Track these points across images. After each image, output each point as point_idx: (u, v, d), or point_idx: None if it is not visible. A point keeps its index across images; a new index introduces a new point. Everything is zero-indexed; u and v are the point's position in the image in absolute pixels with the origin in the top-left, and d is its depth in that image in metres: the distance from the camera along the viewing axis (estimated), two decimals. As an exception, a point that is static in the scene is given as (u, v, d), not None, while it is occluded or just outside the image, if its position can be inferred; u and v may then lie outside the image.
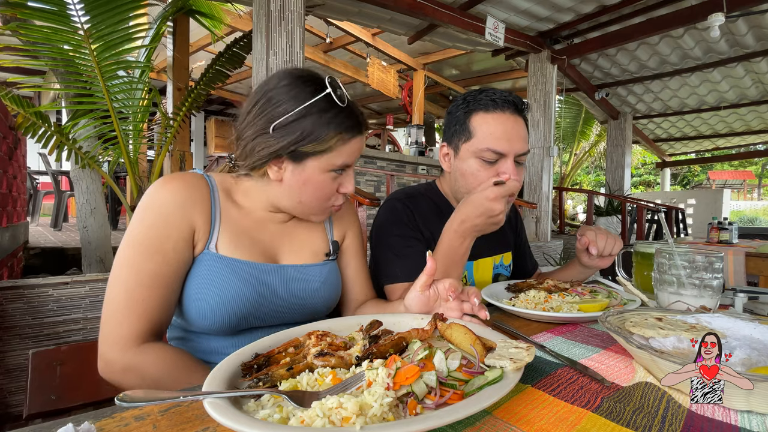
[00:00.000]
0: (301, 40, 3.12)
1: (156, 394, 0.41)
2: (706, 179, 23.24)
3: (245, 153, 0.76)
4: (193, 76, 3.92)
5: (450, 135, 1.05)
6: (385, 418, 0.39)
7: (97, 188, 3.01)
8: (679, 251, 0.81)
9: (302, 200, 0.78)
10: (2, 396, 1.79)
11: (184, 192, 0.73)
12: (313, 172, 0.75)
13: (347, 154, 0.76)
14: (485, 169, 0.98)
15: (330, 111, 0.73)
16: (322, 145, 0.73)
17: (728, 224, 2.74)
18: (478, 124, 0.98)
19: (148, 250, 0.69)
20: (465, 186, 1.02)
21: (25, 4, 2.28)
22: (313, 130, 0.72)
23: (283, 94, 0.73)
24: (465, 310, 0.70)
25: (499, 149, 0.96)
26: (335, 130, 0.73)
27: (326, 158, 0.75)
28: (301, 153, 0.73)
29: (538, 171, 5.52)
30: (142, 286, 0.68)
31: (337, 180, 0.79)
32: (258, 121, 0.73)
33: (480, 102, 0.99)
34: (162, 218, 0.70)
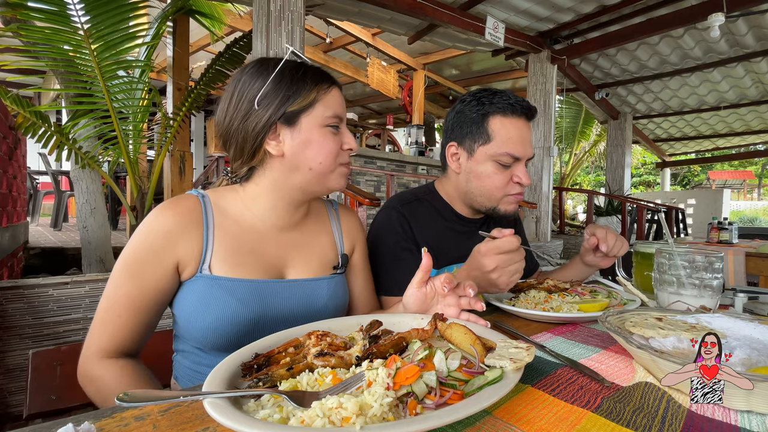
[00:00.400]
0: (301, 40, 3.13)
1: (156, 394, 0.41)
2: (706, 179, 23.24)
3: (240, 144, 0.76)
4: (193, 76, 3.92)
5: (462, 135, 1.04)
6: (385, 418, 0.39)
7: (97, 188, 3.01)
8: (679, 251, 0.81)
9: (312, 165, 0.76)
10: (2, 396, 1.79)
11: (173, 221, 0.73)
12: (311, 129, 0.75)
13: (333, 105, 0.77)
14: (501, 173, 1.00)
15: (300, 70, 0.76)
16: (307, 98, 0.75)
17: (728, 224, 2.74)
18: (497, 128, 0.99)
19: (128, 271, 0.71)
20: (480, 188, 1.04)
21: (25, 4, 2.28)
22: (293, 88, 0.74)
23: (253, 74, 0.75)
24: (463, 306, 0.70)
25: (517, 154, 0.99)
26: (312, 81, 0.76)
27: (316, 112, 0.76)
28: (292, 114, 0.74)
29: (538, 171, 5.52)
30: (116, 305, 0.71)
31: (337, 137, 0.79)
32: (241, 107, 0.75)
33: (498, 105, 0.99)
34: (147, 244, 0.72)
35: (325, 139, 0.76)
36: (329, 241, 0.89)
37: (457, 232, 1.10)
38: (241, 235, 0.78)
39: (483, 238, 1.11)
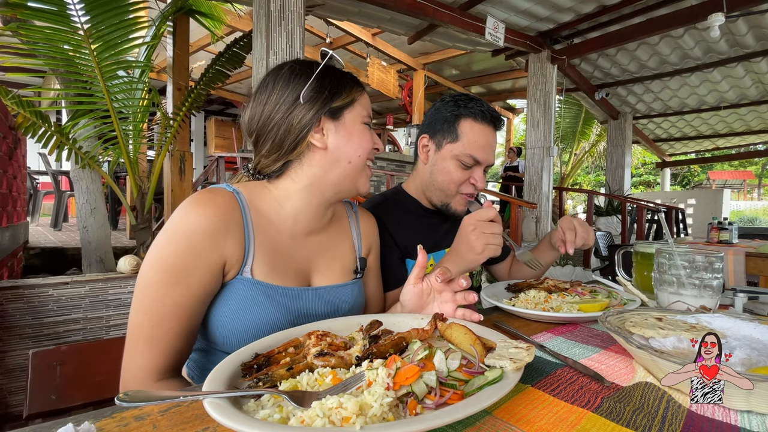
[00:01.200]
0: (301, 40, 3.13)
1: (156, 394, 0.41)
2: (706, 179, 23.24)
3: (279, 137, 0.75)
4: (193, 76, 3.92)
5: (435, 130, 1.12)
6: (385, 418, 0.39)
7: (97, 188, 3.01)
8: (679, 251, 0.81)
9: (352, 158, 0.78)
10: (2, 396, 1.79)
11: (216, 218, 0.68)
12: (353, 124, 0.79)
13: (367, 106, 0.82)
14: (460, 172, 1.08)
15: (337, 71, 0.80)
16: (349, 96, 0.78)
17: (728, 224, 2.74)
18: (465, 131, 1.07)
19: (174, 278, 0.65)
20: (438, 181, 1.11)
21: (25, 4, 2.28)
22: (338, 86, 0.77)
23: (295, 72, 0.77)
24: (458, 300, 0.72)
25: (479, 158, 1.06)
26: (352, 82, 0.80)
27: (356, 108, 0.79)
28: (336, 108, 0.77)
29: (538, 171, 5.52)
30: (166, 317, 0.65)
31: (371, 134, 0.82)
32: (284, 101, 0.75)
33: (471, 109, 1.07)
34: (191, 247, 0.66)
35: (365, 134, 0.80)
36: (349, 245, 0.90)
37: (426, 224, 1.18)
38: (276, 236, 0.77)
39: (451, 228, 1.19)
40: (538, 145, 5.49)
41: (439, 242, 1.17)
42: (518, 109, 10.61)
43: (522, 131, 18.58)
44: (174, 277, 0.65)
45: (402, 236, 1.10)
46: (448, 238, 1.17)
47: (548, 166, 5.51)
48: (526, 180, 5.70)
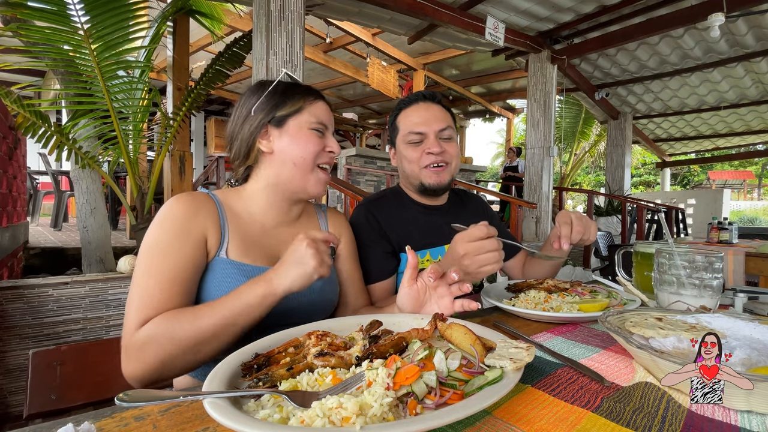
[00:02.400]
0: (301, 40, 3.13)
1: (156, 394, 0.41)
2: (706, 179, 23.24)
3: (239, 145, 0.89)
4: (193, 76, 3.92)
5: (391, 138, 1.25)
6: (385, 418, 0.39)
7: (97, 188, 3.01)
8: (679, 251, 0.81)
9: (295, 161, 0.86)
10: (2, 396, 1.79)
11: (195, 203, 0.81)
12: (296, 129, 0.87)
13: (318, 113, 0.90)
14: (414, 149, 1.16)
15: (292, 86, 0.91)
16: (294, 105, 0.88)
17: (728, 224, 2.73)
18: (401, 120, 1.19)
19: (168, 248, 0.75)
20: (405, 168, 1.19)
21: (25, 4, 2.28)
22: (284, 97, 0.88)
23: (254, 90, 0.91)
24: (453, 293, 0.73)
25: (418, 130, 1.15)
26: (300, 94, 0.90)
27: (302, 117, 0.88)
28: (281, 117, 0.87)
29: (538, 171, 5.52)
30: (163, 280, 0.72)
31: (321, 140, 0.90)
32: (241, 114, 0.89)
33: (401, 104, 1.21)
34: (178, 223, 0.77)
35: (308, 139, 0.88)
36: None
37: (422, 220, 1.21)
38: (247, 228, 0.87)
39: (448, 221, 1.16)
40: (538, 145, 5.48)
41: (437, 238, 1.19)
42: (518, 109, 10.61)
43: (522, 131, 18.58)
44: (169, 247, 0.75)
45: (397, 231, 1.14)
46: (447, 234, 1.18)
47: (548, 166, 5.51)
48: (526, 180, 5.70)
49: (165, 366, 0.67)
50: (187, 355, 0.67)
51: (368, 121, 11.32)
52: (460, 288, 0.72)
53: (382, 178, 5.90)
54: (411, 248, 0.77)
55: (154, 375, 0.67)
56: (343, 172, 5.47)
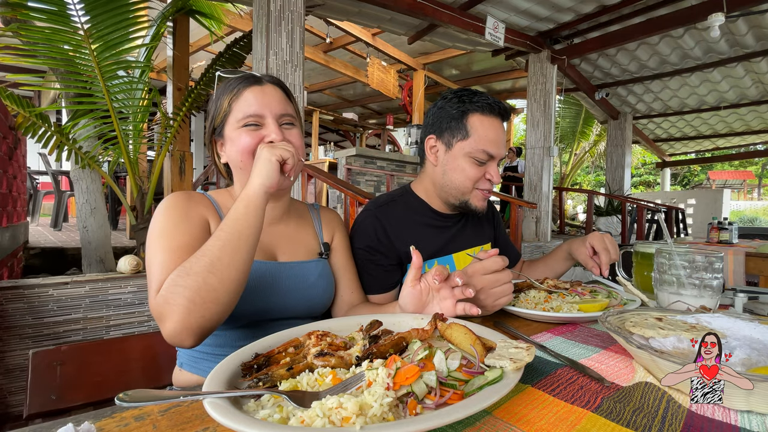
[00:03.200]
0: (301, 40, 3.12)
1: (156, 394, 0.41)
2: (706, 179, 23.24)
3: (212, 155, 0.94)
4: (193, 76, 3.92)
5: (441, 130, 1.09)
6: (385, 418, 0.39)
7: (97, 188, 3.01)
8: (678, 251, 0.81)
9: (236, 163, 0.87)
10: (2, 396, 1.79)
11: (192, 196, 0.85)
12: (229, 134, 0.87)
13: (243, 106, 0.85)
14: (475, 168, 1.05)
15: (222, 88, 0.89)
16: (221, 111, 0.87)
17: (728, 224, 2.73)
18: (475, 126, 1.04)
19: (174, 230, 0.77)
20: (453, 180, 1.08)
21: (25, 4, 2.28)
22: (213, 107, 0.89)
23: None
24: (456, 296, 0.72)
25: (492, 152, 1.04)
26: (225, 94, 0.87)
27: (231, 119, 0.86)
28: (218, 127, 0.89)
29: (538, 171, 5.52)
30: (176, 250, 0.74)
31: (257, 132, 0.85)
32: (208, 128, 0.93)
33: (477, 104, 1.04)
34: (179, 210, 0.80)
35: (239, 137, 0.85)
36: (312, 233, 1.01)
37: (433, 227, 1.15)
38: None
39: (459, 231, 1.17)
40: (538, 145, 5.48)
41: (446, 246, 1.15)
42: (518, 109, 10.61)
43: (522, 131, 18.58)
44: (174, 230, 0.77)
45: (406, 239, 1.08)
46: (458, 241, 1.17)
47: (548, 166, 5.51)
48: (526, 180, 5.70)
49: (196, 304, 0.64)
50: (211, 281, 0.65)
51: (368, 121, 11.32)
52: (463, 291, 0.72)
53: (382, 178, 5.90)
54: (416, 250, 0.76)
55: (192, 318, 0.64)
56: (343, 172, 5.47)
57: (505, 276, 0.79)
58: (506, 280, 0.79)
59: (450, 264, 1.15)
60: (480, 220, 1.28)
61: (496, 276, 0.79)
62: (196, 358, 0.84)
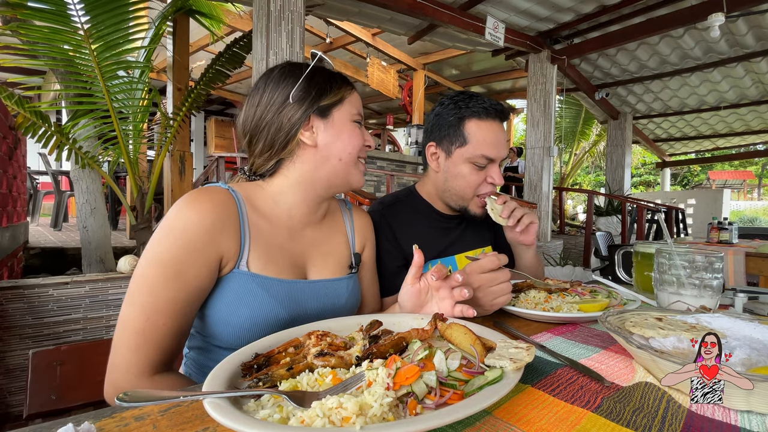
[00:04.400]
0: (301, 40, 3.13)
1: (156, 394, 0.41)
2: (706, 179, 23.24)
3: (271, 137, 0.78)
4: (193, 76, 3.92)
5: (441, 137, 1.09)
6: (385, 418, 0.39)
7: (97, 188, 3.01)
8: (678, 251, 0.81)
9: (342, 156, 0.80)
10: (2, 396, 1.79)
11: (212, 214, 0.69)
12: (342, 122, 0.80)
13: (357, 104, 0.83)
14: (476, 173, 1.05)
15: (326, 71, 0.82)
16: (338, 95, 0.81)
17: (728, 224, 2.74)
18: (472, 132, 1.04)
19: (170, 273, 0.65)
20: (455, 187, 1.09)
21: (25, 4, 2.28)
22: (326, 85, 0.80)
23: (285, 74, 0.80)
24: (455, 296, 0.72)
25: (491, 156, 1.04)
26: (340, 81, 0.82)
27: (345, 107, 0.81)
28: (325, 107, 0.79)
29: (538, 171, 5.52)
30: (160, 314, 0.64)
31: (362, 133, 0.84)
32: (274, 101, 0.78)
33: (473, 109, 1.05)
34: (186, 241, 0.66)
35: (354, 132, 0.81)
36: (344, 240, 0.92)
37: (437, 228, 1.16)
38: (271, 231, 0.79)
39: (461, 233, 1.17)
40: (538, 145, 5.48)
41: (449, 247, 1.16)
42: (518, 109, 10.61)
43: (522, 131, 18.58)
44: (170, 271, 0.65)
45: (410, 239, 1.07)
46: (460, 243, 1.18)
47: (548, 166, 5.51)
48: (526, 180, 5.70)
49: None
50: None
51: (368, 121, 11.32)
52: (461, 293, 0.71)
53: (382, 178, 5.90)
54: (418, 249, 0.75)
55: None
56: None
57: (503, 275, 0.79)
58: (504, 279, 0.79)
59: (452, 265, 1.16)
60: (482, 224, 1.28)
61: (494, 275, 0.78)
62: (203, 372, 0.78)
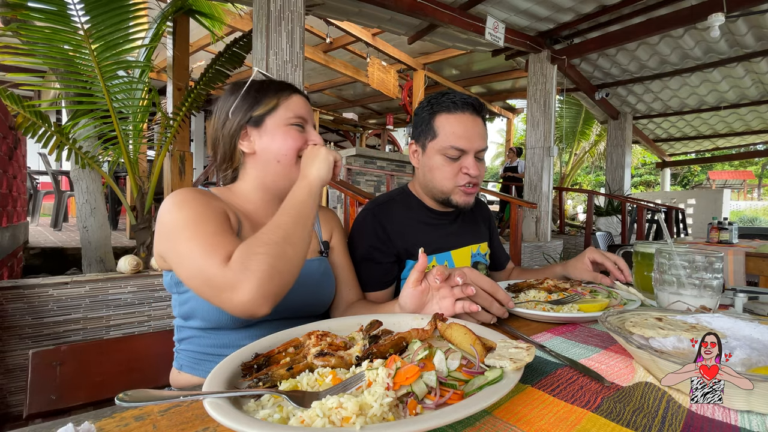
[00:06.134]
0: (301, 40, 3.12)
1: (156, 394, 0.41)
2: (706, 179, 23.24)
3: (222, 149, 0.91)
4: (193, 76, 3.92)
5: (417, 134, 1.15)
6: (385, 418, 0.39)
7: (97, 188, 3.01)
8: (679, 251, 0.81)
9: (278, 158, 0.88)
10: (2, 396, 1.79)
11: (204, 192, 0.82)
12: (275, 128, 0.88)
13: (295, 107, 0.90)
14: (449, 165, 1.08)
15: (264, 84, 0.92)
16: (269, 104, 0.88)
17: (728, 224, 2.73)
18: (441, 125, 1.08)
19: (205, 216, 0.74)
20: (432, 180, 1.12)
21: (25, 4, 2.28)
22: (258, 97, 0.89)
23: (229, 93, 0.92)
24: (456, 295, 0.72)
25: (460, 146, 1.06)
26: (274, 91, 0.90)
27: (279, 114, 0.88)
28: (258, 117, 0.88)
29: (538, 171, 5.52)
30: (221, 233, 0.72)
31: (302, 134, 0.90)
32: (220, 118, 0.90)
33: (443, 104, 1.09)
34: (200, 201, 0.77)
35: (288, 135, 0.88)
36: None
37: (430, 225, 1.18)
38: (246, 224, 0.88)
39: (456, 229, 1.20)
40: (538, 145, 5.48)
41: (444, 243, 1.17)
42: (518, 109, 10.60)
43: (522, 131, 18.57)
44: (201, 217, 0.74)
45: (404, 236, 1.11)
46: (455, 239, 1.19)
47: (548, 166, 5.51)
48: (526, 180, 5.69)
49: (276, 271, 0.66)
50: (288, 251, 0.69)
51: (368, 121, 11.32)
52: (464, 290, 0.72)
53: (382, 178, 5.90)
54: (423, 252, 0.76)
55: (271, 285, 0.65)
56: (343, 172, 5.47)
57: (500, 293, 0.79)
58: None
59: (449, 261, 1.17)
60: (476, 220, 1.30)
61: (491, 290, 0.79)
62: (197, 360, 0.83)
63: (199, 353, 0.83)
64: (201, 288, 0.68)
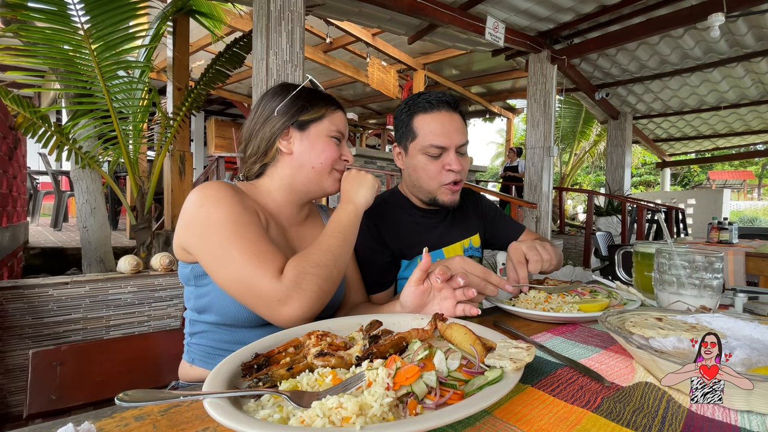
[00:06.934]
0: (301, 40, 3.12)
1: (156, 394, 0.41)
2: (706, 179, 23.24)
3: (258, 143, 0.91)
4: (193, 76, 3.92)
5: (399, 136, 1.16)
6: (385, 418, 0.39)
7: (97, 188, 3.01)
8: (679, 251, 0.81)
9: (314, 164, 0.90)
10: (2, 396, 1.79)
11: (235, 187, 0.83)
12: (317, 136, 0.91)
13: (338, 122, 0.94)
14: (432, 163, 1.09)
15: (315, 93, 0.94)
16: (317, 113, 0.91)
17: (728, 224, 2.73)
18: (420, 125, 1.10)
19: (243, 218, 0.75)
20: (418, 180, 1.14)
21: (25, 5, 2.28)
22: (308, 103, 0.91)
23: (277, 92, 0.93)
24: (457, 296, 0.73)
25: (440, 144, 1.07)
26: (324, 102, 0.93)
27: (323, 124, 0.91)
28: (304, 122, 0.90)
29: (538, 171, 5.52)
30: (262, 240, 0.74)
31: (338, 149, 0.93)
32: (263, 113, 0.91)
33: (419, 105, 1.11)
34: (237, 199, 0.78)
35: (327, 146, 0.91)
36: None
37: (421, 224, 1.20)
38: (270, 222, 0.89)
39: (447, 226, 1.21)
40: (538, 145, 5.48)
41: (437, 241, 1.19)
42: (518, 109, 10.60)
43: (522, 131, 18.57)
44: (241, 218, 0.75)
45: (397, 237, 1.13)
46: (447, 236, 1.21)
47: (548, 166, 5.50)
48: (526, 180, 5.69)
49: (324, 291, 0.72)
50: (334, 274, 0.75)
51: (368, 121, 11.32)
52: (465, 293, 0.73)
53: (382, 178, 5.90)
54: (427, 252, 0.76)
55: (318, 304, 0.71)
56: (343, 172, 5.47)
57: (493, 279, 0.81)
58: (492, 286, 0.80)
59: (441, 257, 1.18)
60: (466, 213, 1.29)
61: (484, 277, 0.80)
62: (210, 354, 0.83)
63: (212, 348, 0.83)
64: (243, 294, 0.71)
